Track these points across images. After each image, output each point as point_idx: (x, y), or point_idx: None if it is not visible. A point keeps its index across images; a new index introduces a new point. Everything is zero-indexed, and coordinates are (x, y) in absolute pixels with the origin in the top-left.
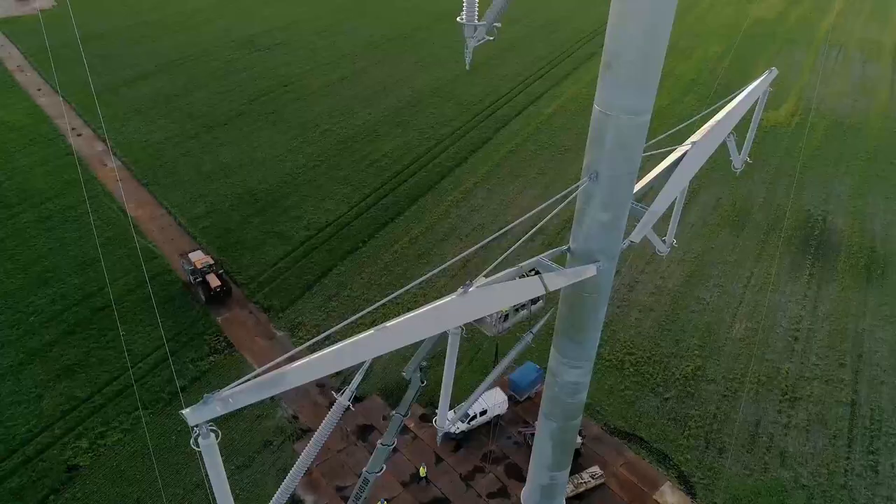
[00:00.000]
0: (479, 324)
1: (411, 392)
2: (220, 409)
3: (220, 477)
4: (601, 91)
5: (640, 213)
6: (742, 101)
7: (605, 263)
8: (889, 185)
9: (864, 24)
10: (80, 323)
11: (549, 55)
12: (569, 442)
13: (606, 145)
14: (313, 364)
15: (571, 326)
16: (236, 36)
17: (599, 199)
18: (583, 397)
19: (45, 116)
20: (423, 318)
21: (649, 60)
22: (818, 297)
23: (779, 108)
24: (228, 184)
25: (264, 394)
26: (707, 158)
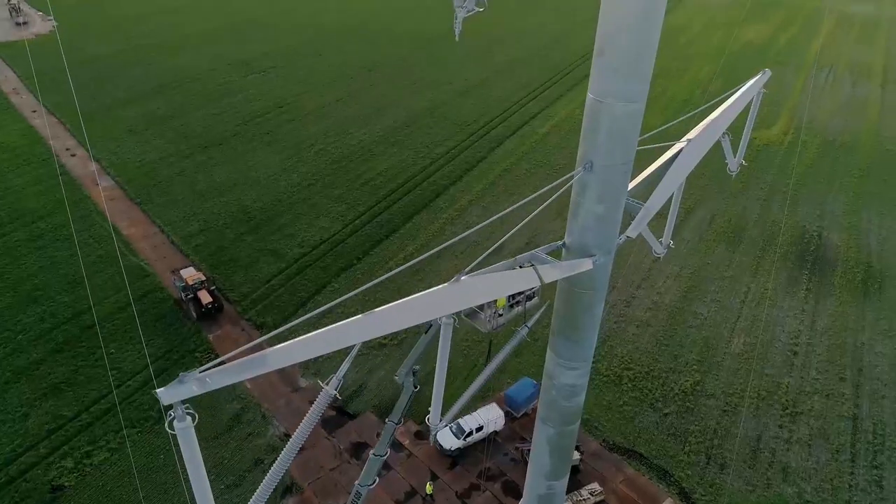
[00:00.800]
0: (473, 320)
1: (404, 398)
2: (197, 389)
3: (196, 463)
4: (594, 78)
5: (636, 208)
6: (737, 101)
7: (602, 258)
8: (883, 202)
9: (852, 47)
10: (68, 341)
11: (542, 77)
12: (566, 448)
13: (600, 134)
14: (296, 347)
15: (568, 325)
16: (232, 59)
17: (594, 189)
18: (580, 401)
19: (39, 137)
20: (413, 305)
21: (643, 44)
22: (816, 312)
23: (771, 128)
24: (222, 202)
25: (244, 375)
26: (703, 156)
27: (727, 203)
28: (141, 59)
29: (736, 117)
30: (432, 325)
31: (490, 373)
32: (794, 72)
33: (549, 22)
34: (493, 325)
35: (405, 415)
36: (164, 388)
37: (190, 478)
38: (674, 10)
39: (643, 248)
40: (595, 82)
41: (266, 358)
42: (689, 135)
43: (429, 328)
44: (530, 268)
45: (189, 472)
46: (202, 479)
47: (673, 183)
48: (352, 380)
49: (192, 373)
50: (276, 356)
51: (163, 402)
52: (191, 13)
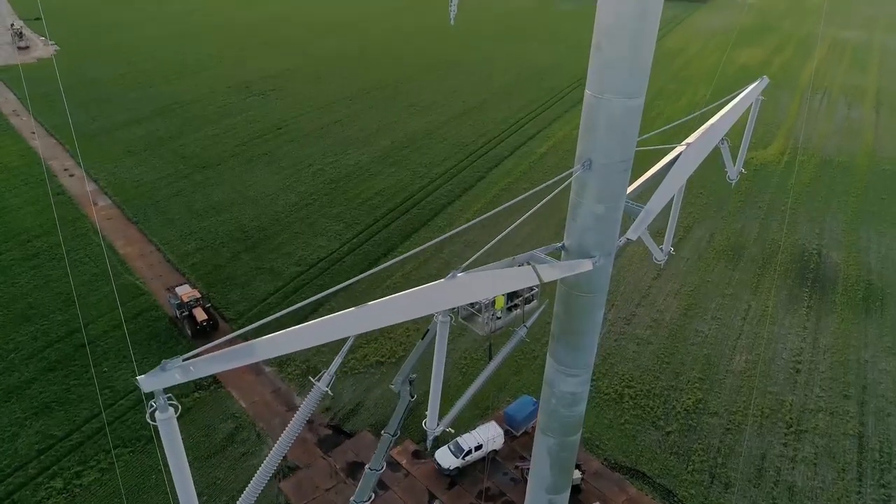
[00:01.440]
0: (471, 323)
1: (400, 408)
2: (180, 377)
3: (178, 456)
4: (592, 74)
5: (636, 211)
6: (736, 106)
7: (602, 259)
8: (881, 220)
9: (845, 71)
10: (61, 360)
11: (539, 99)
12: (568, 460)
13: (599, 131)
14: (286, 337)
15: (568, 330)
16: (232, 83)
17: (593, 188)
18: (581, 409)
19: (37, 158)
20: (408, 300)
21: (641, 38)
22: (818, 329)
23: (767, 148)
24: (219, 221)
25: (230, 364)
26: (702, 159)
27: (726, 221)
28: (141, 83)
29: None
30: (429, 331)
31: (490, 373)
32: (788, 94)
33: (544, 50)
34: (491, 327)
35: (401, 427)
36: (145, 376)
37: (172, 472)
38: (669, 34)
39: (643, 266)
40: (593, 78)
41: (254, 347)
42: (689, 139)
43: (426, 333)
44: (528, 266)
45: (171, 466)
46: (184, 474)
47: (673, 186)
48: (348, 398)
49: (176, 360)
50: (265, 346)
51: (143, 390)
52: (192, 38)
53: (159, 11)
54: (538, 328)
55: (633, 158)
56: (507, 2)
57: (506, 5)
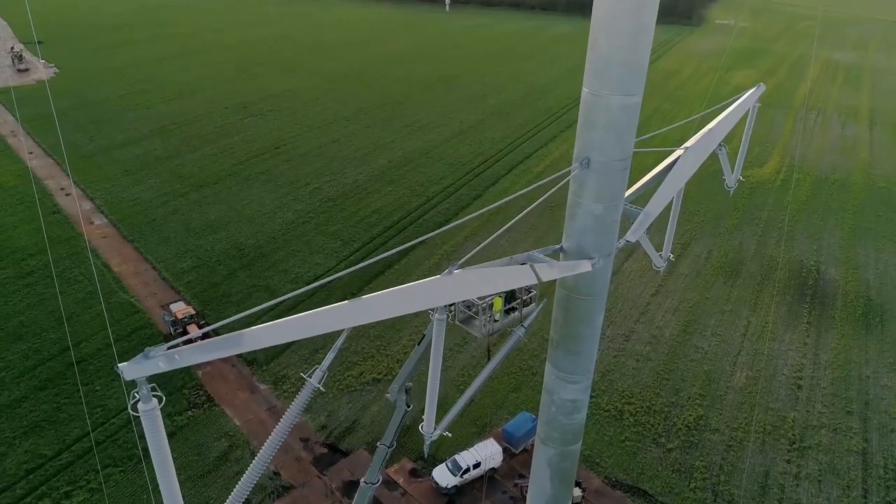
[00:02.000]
0: (469, 325)
1: (396, 417)
2: (164, 366)
3: (162, 451)
4: (588, 71)
5: (635, 213)
6: (733, 111)
7: (601, 261)
8: (878, 237)
9: (838, 91)
10: (52, 378)
11: (535, 119)
12: (568, 471)
13: (596, 128)
14: (276, 328)
15: (567, 335)
16: (230, 103)
17: (592, 187)
18: (582, 418)
19: (35, 178)
20: (402, 294)
21: (638, 33)
22: (818, 345)
23: (763, 166)
24: (215, 239)
25: (216, 353)
26: (700, 163)
27: (723, 239)
28: (140, 104)
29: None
30: (425, 336)
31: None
32: (783, 114)
33: (540, 71)
34: (489, 329)
35: (398, 439)
36: (127, 363)
37: (155, 467)
38: (663, 57)
39: (640, 282)
40: (590, 76)
41: (242, 338)
42: (687, 143)
43: (422, 339)
44: (527, 265)
45: (154, 460)
46: (168, 468)
47: (672, 189)
48: (344, 416)
49: (160, 347)
50: (254, 337)
51: (125, 378)
52: (190, 60)
53: (158, 34)
54: (536, 344)
55: (631, 157)
56: (503, 24)
57: (502, 27)
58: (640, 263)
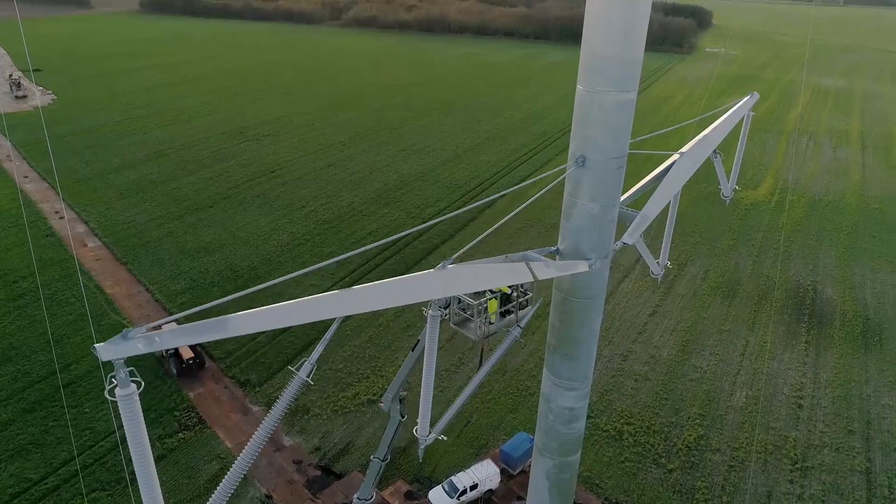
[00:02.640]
0: (464, 328)
1: (390, 429)
2: (143, 347)
3: (139, 437)
4: (582, 69)
5: (631, 217)
6: (727, 119)
7: (598, 262)
8: (874, 257)
9: (829, 116)
10: (40, 400)
11: (530, 143)
12: (567, 484)
13: (592, 126)
14: (263, 314)
15: (564, 340)
16: (226, 128)
17: (587, 186)
18: (580, 427)
19: (29, 201)
20: (395, 286)
21: (632, 27)
22: (817, 365)
23: (757, 188)
24: (210, 261)
25: (198, 338)
26: (696, 169)
27: (719, 259)
28: (137, 129)
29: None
30: (419, 341)
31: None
32: (775, 137)
33: (534, 98)
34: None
35: (392, 453)
36: (104, 343)
37: (132, 455)
38: (655, 84)
39: (637, 303)
40: (584, 73)
41: (226, 322)
42: (683, 148)
43: (416, 344)
44: (522, 263)
45: (131, 449)
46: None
47: (668, 192)
48: (339, 438)
49: (140, 328)
50: (239, 322)
51: (101, 359)
52: (188, 87)
53: (156, 63)
54: (533, 364)
55: (627, 156)
56: (497, 53)
57: (496, 56)
58: (636, 283)
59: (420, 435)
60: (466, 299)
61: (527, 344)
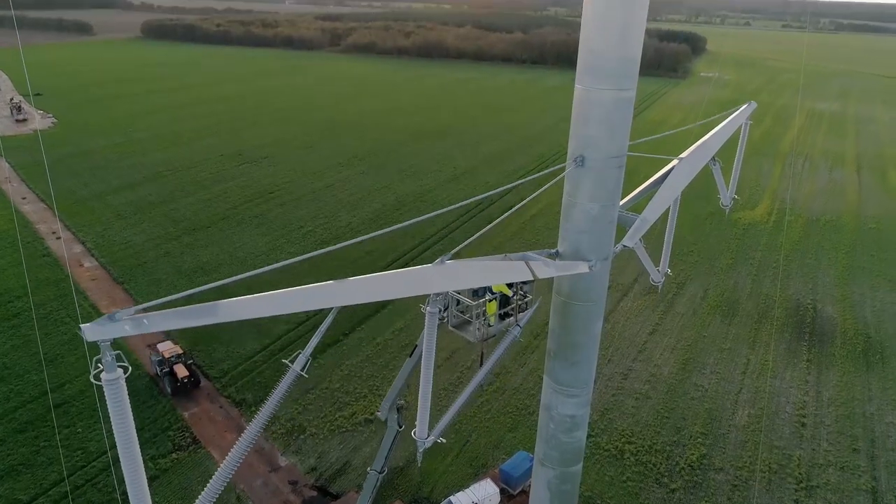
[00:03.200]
0: (462, 331)
1: (387, 439)
2: (130, 329)
3: (125, 424)
4: (581, 67)
5: (631, 220)
6: (725, 126)
7: (598, 264)
8: (873, 276)
9: (824, 138)
10: (32, 421)
11: (528, 165)
12: (569, 495)
13: (591, 125)
14: (254, 301)
15: (565, 344)
16: (225, 151)
17: (587, 186)
18: (581, 436)
19: (26, 222)
20: (392, 278)
21: (629, 24)
22: (820, 383)
23: (754, 209)
24: (207, 280)
25: (188, 322)
26: (695, 174)
27: (718, 278)
28: (136, 151)
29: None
30: (417, 346)
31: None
32: (771, 159)
33: (532, 121)
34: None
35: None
36: (90, 324)
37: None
38: (651, 108)
39: (637, 321)
40: (582, 71)
41: (217, 308)
42: (682, 154)
43: (413, 350)
44: (521, 261)
45: (116, 436)
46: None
47: (668, 196)
48: (335, 458)
49: (128, 310)
50: (229, 308)
51: (87, 339)
52: (188, 111)
53: (157, 88)
54: (533, 383)
55: (626, 157)
56: (495, 77)
57: (494, 81)
58: (636, 302)
59: (418, 437)
60: (465, 300)
61: (526, 363)
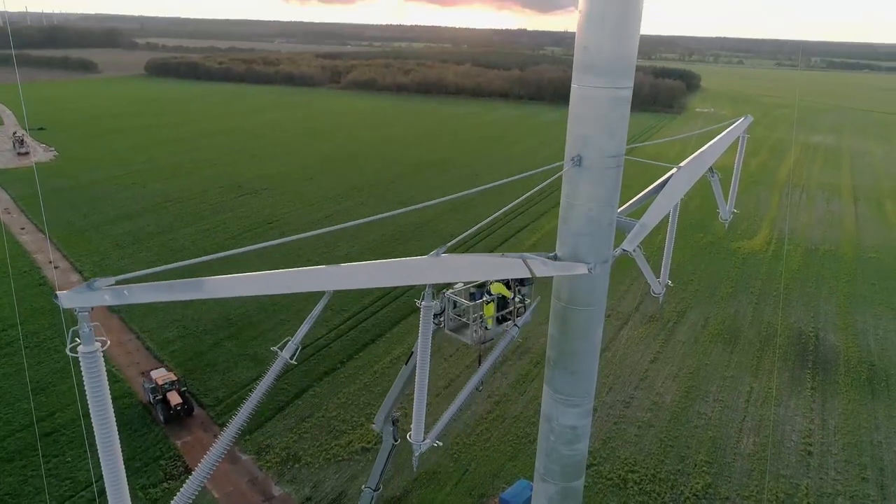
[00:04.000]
0: (460, 334)
1: (382, 454)
2: (110, 299)
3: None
4: (577, 66)
5: (630, 225)
6: (722, 138)
7: (598, 267)
8: (875, 304)
9: (819, 170)
10: (21, 450)
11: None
12: None
13: (587, 124)
14: (242, 280)
15: (565, 352)
16: (225, 183)
17: (584, 187)
18: (583, 448)
19: (24, 252)
20: (384, 267)
21: (627, 22)
22: (825, 411)
23: (752, 239)
24: (204, 309)
25: (172, 295)
26: (693, 182)
27: (718, 307)
28: (136, 182)
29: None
30: (413, 353)
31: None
32: (767, 190)
33: (529, 154)
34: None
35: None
36: (67, 291)
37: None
38: (649, 140)
39: (638, 349)
40: (579, 69)
41: (203, 284)
42: (681, 164)
43: (409, 357)
44: (518, 259)
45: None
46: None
47: (667, 203)
48: (331, 487)
49: (108, 279)
50: (216, 285)
51: (63, 306)
52: (188, 144)
53: (157, 122)
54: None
55: (623, 157)
56: (492, 112)
57: (491, 115)
58: (636, 330)
59: (414, 440)
60: (462, 301)
61: (526, 391)
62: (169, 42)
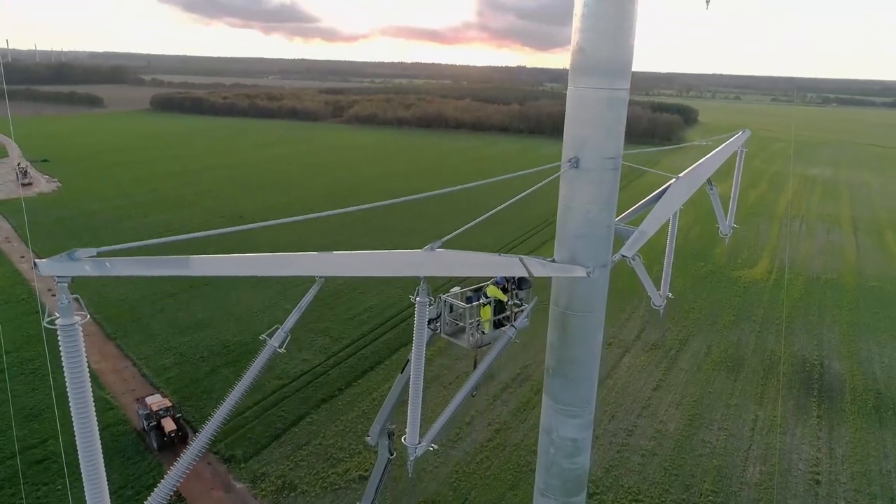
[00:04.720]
0: (456, 337)
1: (378, 469)
2: (91, 270)
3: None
4: (573, 66)
5: (629, 232)
6: (720, 151)
7: (597, 271)
8: (878, 332)
9: (818, 202)
10: (10, 477)
11: (526, 226)
12: None
13: (584, 125)
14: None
15: (564, 359)
16: (226, 213)
17: (582, 188)
18: (584, 462)
19: (22, 279)
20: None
21: (623, 22)
22: (832, 440)
23: (753, 268)
24: (201, 337)
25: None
26: (692, 192)
27: (721, 335)
28: (137, 213)
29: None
30: (409, 361)
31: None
32: (767, 221)
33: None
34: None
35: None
36: (47, 260)
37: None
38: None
39: (640, 377)
40: (575, 71)
41: (189, 262)
42: (680, 175)
43: (406, 365)
44: (516, 258)
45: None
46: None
47: (666, 211)
48: None
49: (89, 249)
50: (202, 263)
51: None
52: (191, 176)
53: (161, 156)
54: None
55: (621, 159)
56: (492, 146)
57: (491, 149)
58: (638, 358)
59: (409, 444)
60: (459, 304)
61: (527, 418)
62: (174, 78)
